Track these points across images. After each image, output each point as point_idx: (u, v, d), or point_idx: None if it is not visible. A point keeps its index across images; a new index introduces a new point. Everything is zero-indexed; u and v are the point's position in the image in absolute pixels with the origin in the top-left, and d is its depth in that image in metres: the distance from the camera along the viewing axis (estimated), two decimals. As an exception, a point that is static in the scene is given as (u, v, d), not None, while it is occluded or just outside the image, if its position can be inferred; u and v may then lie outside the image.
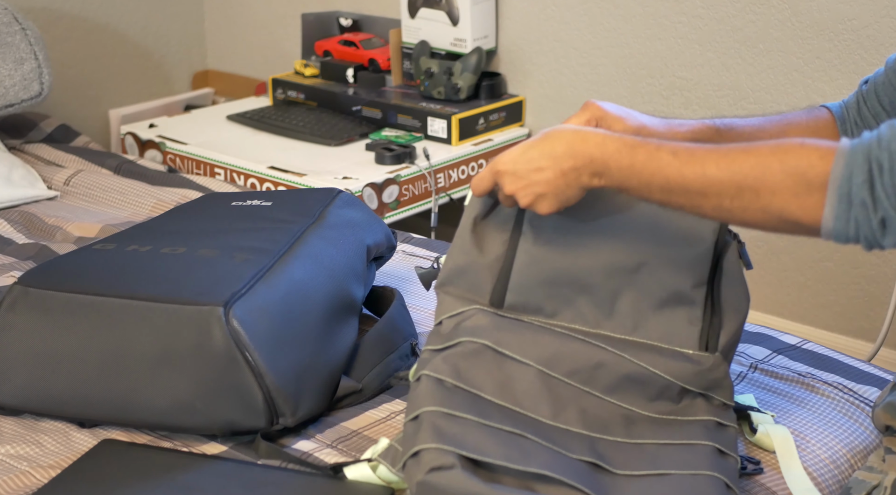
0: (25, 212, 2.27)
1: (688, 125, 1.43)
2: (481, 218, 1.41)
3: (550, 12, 2.70)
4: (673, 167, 1.21)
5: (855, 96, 1.47)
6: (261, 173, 2.51)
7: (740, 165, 1.17)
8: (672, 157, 1.22)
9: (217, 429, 1.46)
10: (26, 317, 1.49)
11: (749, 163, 1.17)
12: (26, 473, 1.40)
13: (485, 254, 1.40)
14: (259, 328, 1.43)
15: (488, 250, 1.40)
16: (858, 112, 1.45)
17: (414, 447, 1.25)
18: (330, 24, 3.02)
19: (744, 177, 1.17)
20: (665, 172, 1.22)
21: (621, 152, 1.25)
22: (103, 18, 3.11)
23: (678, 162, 1.21)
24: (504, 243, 1.40)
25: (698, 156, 1.20)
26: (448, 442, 1.24)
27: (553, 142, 1.29)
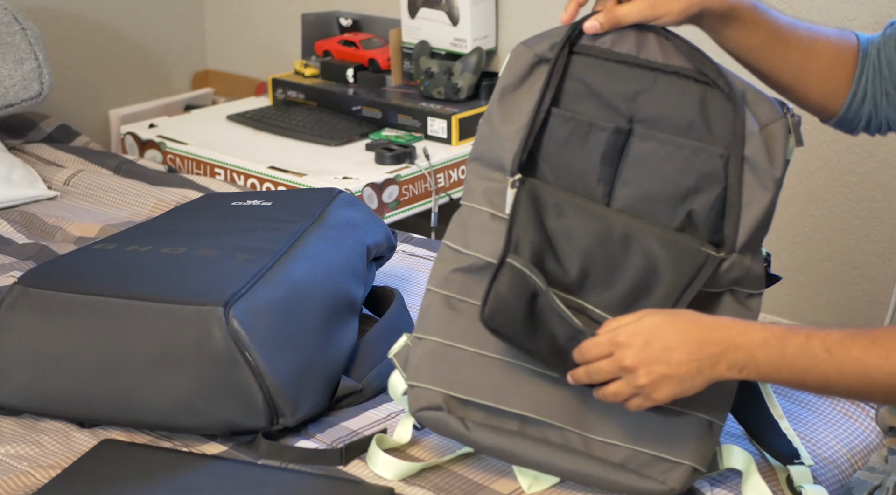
0: (25, 212, 2.27)
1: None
2: (510, 90, 1.36)
3: (550, 12, 2.70)
4: (830, 365, 1.18)
5: (879, 38, 1.44)
6: (261, 173, 2.51)
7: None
8: (827, 355, 1.18)
9: (217, 429, 1.46)
10: (26, 317, 1.49)
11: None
12: (26, 473, 1.40)
13: (508, 124, 1.35)
14: (259, 328, 1.43)
15: (513, 120, 1.35)
16: (878, 55, 1.42)
17: (412, 380, 1.36)
18: (330, 24, 3.02)
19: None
20: (823, 370, 1.18)
21: (769, 344, 1.20)
22: (103, 19, 3.11)
23: (835, 361, 1.18)
24: (528, 113, 1.34)
25: (855, 356, 1.17)
26: (439, 382, 1.34)
27: (687, 324, 1.22)
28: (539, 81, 1.34)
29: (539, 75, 1.34)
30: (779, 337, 1.19)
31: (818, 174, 2.39)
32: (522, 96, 1.35)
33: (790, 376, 1.19)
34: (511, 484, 1.37)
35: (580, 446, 1.33)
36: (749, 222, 1.30)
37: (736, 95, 1.29)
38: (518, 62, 1.35)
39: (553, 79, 1.33)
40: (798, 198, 2.40)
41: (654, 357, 1.21)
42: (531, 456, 1.34)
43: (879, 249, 2.35)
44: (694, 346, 1.20)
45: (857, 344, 1.18)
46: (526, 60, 1.35)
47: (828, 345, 1.18)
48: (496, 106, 1.36)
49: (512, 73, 1.35)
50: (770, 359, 1.19)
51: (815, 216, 2.39)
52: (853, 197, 2.36)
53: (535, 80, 1.34)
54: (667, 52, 1.32)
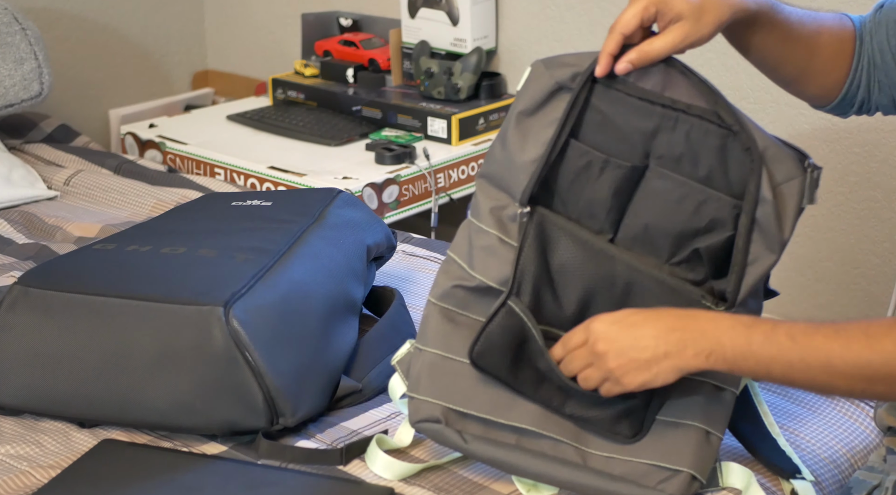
0: (25, 212, 2.27)
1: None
2: (527, 114, 1.33)
3: (550, 12, 2.70)
4: (794, 353, 1.18)
5: (870, 20, 1.43)
6: (261, 173, 2.51)
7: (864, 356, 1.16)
8: (791, 343, 1.19)
9: (217, 429, 1.46)
10: (26, 317, 1.49)
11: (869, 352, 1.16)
12: (26, 473, 1.40)
13: (523, 152, 1.33)
14: (259, 328, 1.43)
15: (528, 149, 1.33)
16: (871, 41, 1.42)
17: (412, 392, 1.36)
18: (330, 24, 3.02)
19: (873, 370, 1.16)
20: (787, 358, 1.19)
21: (736, 330, 1.21)
22: (103, 18, 3.11)
23: (798, 348, 1.18)
24: (544, 144, 1.32)
25: (818, 344, 1.18)
26: (438, 394, 1.35)
27: (659, 312, 1.24)
28: (558, 110, 1.31)
29: (558, 103, 1.32)
30: (746, 325, 1.21)
31: (818, 174, 2.39)
32: (539, 122, 1.32)
33: (755, 364, 1.20)
34: (511, 485, 1.37)
35: (577, 459, 1.33)
36: (751, 280, 1.30)
37: (754, 153, 1.27)
38: (537, 86, 1.32)
39: (573, 114, 1.31)
40: (798, 198, 2.40)
41: (623, 341, 1.23)
42: (529, 469, 1.34)
43: (879, 249, 2.35)
44: (662, 330, 1.22)
45: (820, 333, 1.19)
46: (546, 86, 1.32)
47: (793, 333, 1.19)
48: (513, 129, 1.33)
49: (530, 97, 1.32)
50: (736, 346, 1.20)
51: (815, 216, 2.39)
52: (853, 197, 2.36)
53: (554, 108, 1.32)
54: (691, 93, 1.30)
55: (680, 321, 1.22)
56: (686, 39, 1.29)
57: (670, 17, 1.28)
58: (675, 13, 1.28)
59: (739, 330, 1.20)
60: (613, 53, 1.29)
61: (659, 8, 1.28)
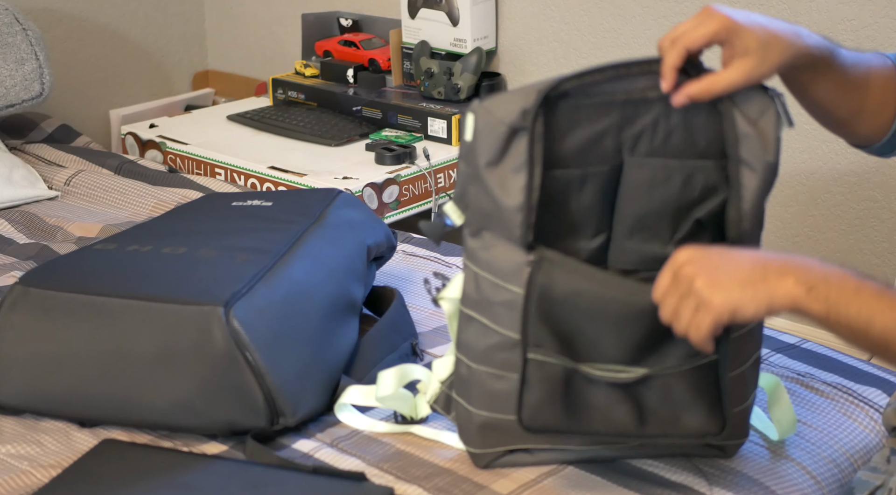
0: (26, 213, 2.27)
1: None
2: (493, 164, 1.28)
3: (550, 12, 2.70)
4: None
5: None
6: (261, 173, 2.51)
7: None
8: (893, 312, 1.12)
9: (217, 429, 1.46)
10: (27, 317, 1.49)
11: None
12: (27, 473, 1.40)
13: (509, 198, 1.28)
14: (259, 328, 1.43)
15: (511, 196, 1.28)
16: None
17: (468, 446, 1.40)
18: (330, 24, 3.02)
19: None
20: (886, 322, 1.12)
21: (846, 273, 1.14)
22: (104, 19, 3.11)
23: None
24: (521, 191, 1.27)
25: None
26: (496, 444, 1.37)
27: (758, 253, 1.19)
28: (521, 152, 1.26)
29: (519, 146, 1.27)
30: (857, 273, 1.15)
31: (818, 174, 2.39)
32: (507, 170, 1.28)
33: (857, 313, 1.12)
34: (510, 484, 1.37)
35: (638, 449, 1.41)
36: (747, 206, 1.29)
37: (722, 105, 1.27)
38: (489, 136, 1.28)
39: (536, 155, 1.26)
40: (798, 198, 2.40)
41: (713, 261, 1.17)
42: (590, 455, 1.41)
43: (879, 249, 2.35)
44: (762, 258, 1.17)
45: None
46: (499, 134, 1.27)
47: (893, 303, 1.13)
48: (489, 179, 1.28)
49: (488, 149, 1.28)
50: (844, 288, 1.13)
51: (814, 216, 2.40)
52: (853, 197, 2.36)
53: (518, 152, 1.27)
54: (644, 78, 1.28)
55: (783, 255, 1.17)
56: (749, 78, 1.26)
57: (739, 48, 1.25)
58: (744, 46, 1.25)
59: (850, 274, 1.15)
60: (678, 67, 1.25)
61: (730, 37, 1.24)
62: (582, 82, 1.27)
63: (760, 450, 1.45)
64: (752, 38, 1.25)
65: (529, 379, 1.29)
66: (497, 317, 1.32)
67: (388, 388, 1.44)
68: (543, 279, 1.28)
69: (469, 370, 1.36)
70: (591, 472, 1.39)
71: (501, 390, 1.33)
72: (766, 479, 1.39)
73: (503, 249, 1.31)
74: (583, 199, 1.31)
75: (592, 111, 1.28)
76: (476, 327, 1.34)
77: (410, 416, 1.47)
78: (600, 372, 1.29)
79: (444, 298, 1.40)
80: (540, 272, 1.28)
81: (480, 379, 1.34)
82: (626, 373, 1.29)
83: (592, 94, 1.28)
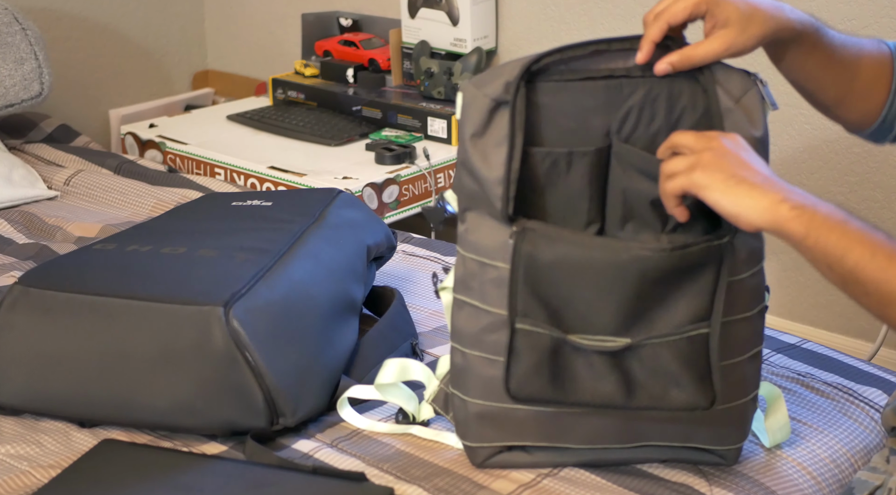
0: (26, 212, 2.27)
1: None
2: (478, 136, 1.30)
3: (550, 12, 2.70)
4: (873, 266, 1.14)
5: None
6: (261, 173, 2.51)
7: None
8: (871, 256, 1.14)
9: (217, 429, 1.46)
10: (26, 317, 1.49)
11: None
12: (26, 473, 1.40)
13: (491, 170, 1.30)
14: (259, 328, 1.43)
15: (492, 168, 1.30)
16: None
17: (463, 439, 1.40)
18: (330, 24, 3.02)
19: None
20: (873, 249, 1.14)
21: (836, 209, 1.17)
22: (103, 18, 3.11)
23: (879, 262, 1.14)
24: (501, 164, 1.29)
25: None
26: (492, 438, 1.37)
27: (771, 175, 1.20)
28: (504, 125, 1.29)
29: (502, 119, 1.29)
30: (848, 212, 1.18)
31: (818, 174, 2.39)
32: (491, 142, 1.30)
33: (837, 240, 1.14)
34: (510, 484, 1.37)
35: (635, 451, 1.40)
36: None
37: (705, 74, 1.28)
38: (474, 109, 1.30)
39: (517, 128, 1.28)
40: (798, 198, 2.40)
41: (729, 150, 1.20)
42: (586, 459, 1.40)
43: (879, 249, 2.35)
44: (771, 174, 1.19)
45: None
46: (483, 107, 1.29)
47: (874, 247, 1.15)
48: (472, 152, 1.30)
49: (473, 121, 1.30)
50: (831, 216, 1.16)
51: (814, 216, 2.39)
52: (853, 197, 2.36)
53: (500, 125, 1.29)
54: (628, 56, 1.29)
55: (787, 185, 1.19)
56: (730, 48, 1.27)
57: (719, 19, 1.27)
58: (724, 17, 1.26)
59: (842, 211, 1.17)
60: (657, 41, 1.27)
61: (710, 8, 1.26)
62: (564, 57, 1.29)
63: (760, 450, 1.45)
64: (732, 10, 1.26)
65: (517, 349, 1.29)
66: (486, 296, 1.33)
67: (390, 376, 1.45)
68: (528, 248, 1.28)
69: (464, 357, 1.36)
70: (591, 472, 1.39)
71: (494, 376, 1.33)
72: (766, 479, 1.39)
73: (487, 228, 1.32)
74: (571, 182, 1.31)
75: (577, 88, 1.29)
76: (468, 311, 1.35)
77: (413, 416, 1.47)
78: (588, 341, 1.29)
79: (443, 288, 1.40)
80: (524, 242, 1.28)
81: (475, 366, 1.35)
82: (613, 343, 1.29)
83: (577, 70, 1.29)
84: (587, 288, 1.28)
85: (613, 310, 1.28)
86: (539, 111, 1.30)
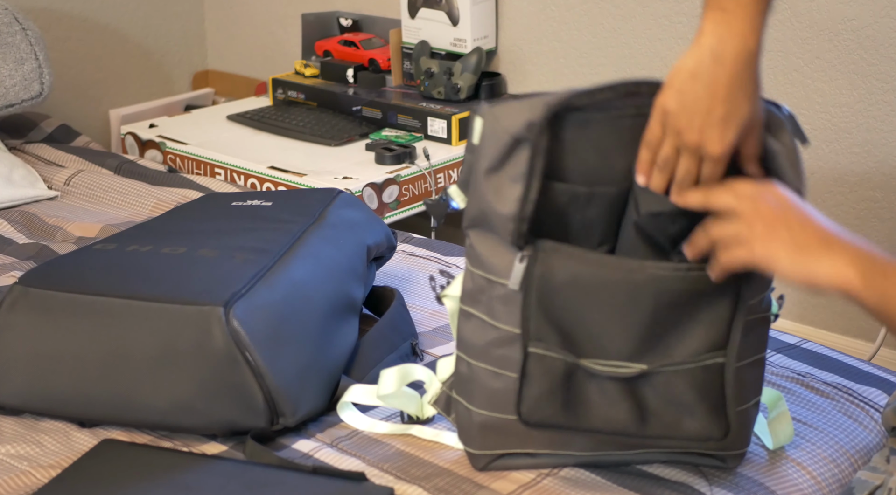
0: (26, 212, 2.27)
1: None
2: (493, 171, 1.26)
3: (550, 12, 2.70)
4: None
5: None
6: (261, 173, 2.51)
7: None
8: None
9: (217, 429, 1.46)
10: (27, 317, 1.49)
11: None
12: (27, 473, 1.40)
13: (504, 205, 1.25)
14: (259, 328, 1.43)
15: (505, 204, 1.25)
16: None
17: (467, 447, 1.38)
18: (330, 24, 3.02)
19: None
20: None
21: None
22: (103, 18, 3.11)
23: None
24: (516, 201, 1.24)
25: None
26: (496, 446, 1.36)
27: (825, 222, 1.16)
28: (521, 164, 1.23)
29: (520, 155, 1.23)
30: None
31: (818, 174, 2.39)
32: (506, 178, 1.25)
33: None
34: (510, 484, 1.37)
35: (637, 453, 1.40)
36: None
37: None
38: (492, 143, 1.25)
39: (536, 169, 1.23)
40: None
41: (779, 215, 1.16)
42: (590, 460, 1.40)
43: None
44: (822, 227, 1.15)
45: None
46: (502, 142, 1.24)
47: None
48: (484, 185, 1.26)
49: (490, 155, 1.25)
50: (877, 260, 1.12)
51: (814, 216, 2.39)
52: (853, 197, 2.36)
53: (518, 162, 1.24)
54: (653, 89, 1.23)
55: (844, 231, 1.14)
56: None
57: None
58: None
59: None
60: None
61: None
62: (594, 100, 1.23)
63: (760, 451, 1.45)
64: None
65: (530, 374, 1.28)
66: (494, 311, 1.31)
67: (390, 387, 1.44)
68: (540, 269, 1.26)
69: (469, 367, 1.35)
70: (591, 472, 1.39)
71: (500, 389, 1.32)
72: (766, 479, 1.39)
73: (495, 246, 1.30)
74: (588, 213, 1.28)
75: (602, 127, 1.24)
76: (475, 323, 1.33)
77: (417, 416, 1.47)
78: (602, 367, 1.28)
79: (446, 296, 1.40)
80: (536, 263, 1.26)
81: (480, 377, 1.34)
82: (627, 369, 1.28)
83: (603, 108, 1.24)
84: (601, 309, 1.26)
85: (628, 334, 1.27)
86: (561, 145, 1.24)
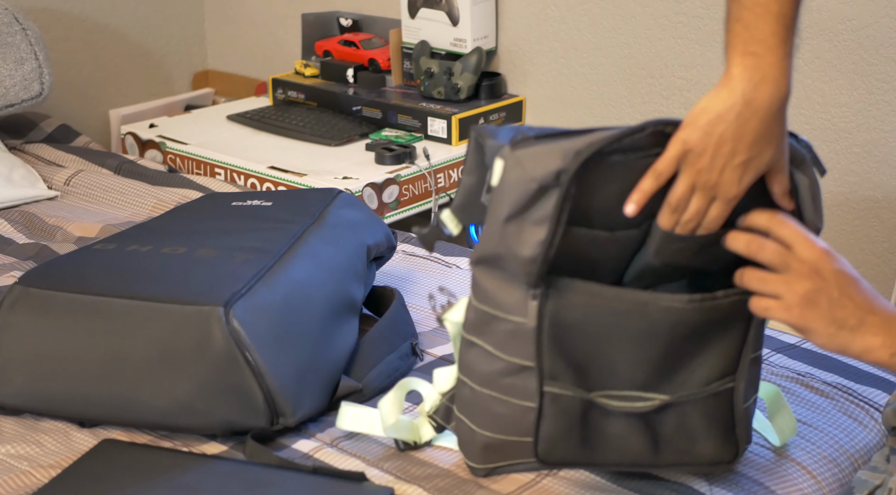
0: (26, 212, 2.27)
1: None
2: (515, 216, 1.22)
3: (550, 12, 2.70)
4: None
5: None
6: (261, 173, 2.51)
7: None
8: None
9: (217, 429, 1.46)
10: (27, 317, 1.49)
11: None
12: (27, 473, 1.40)
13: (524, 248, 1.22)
14: (259, 328, 1.43)
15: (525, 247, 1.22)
16: None
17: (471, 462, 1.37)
18: (330, 24, 3.02)
19: None
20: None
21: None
22: (103, 18, 3.11)
23: None
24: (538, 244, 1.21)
25: None
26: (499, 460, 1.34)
27: (873, 301, 1.18)
28: (546, 207, 1.19)
29: (546, 202, 1.19)
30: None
31: (818, 174, 2.39)
32: (529, 221, 1.21)
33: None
34: (510, 484, 1.37)
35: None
36: None
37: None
38: (518, 191, 1.20)
39: (562, 216, 1.19)
40: (798, 198, 2.40)
41: (835, 294, 1.17)
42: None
43: (879, 249, 2.35)
44: (865, 307, 1.18)
45: None
46: (528, 190, 1.19)
47: None
48: (503, 229, 1.22)
49: (513, 202, 1.20)
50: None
51: (814, 216, 2.39)
52: (853, 197, 2.36)
53: (542, 207, 1.19)
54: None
55: (889, 310, 1.17)
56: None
57: None
58: None
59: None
60: (650, 193, 1.21)
61: None
62: (621, 145, 1.20)
63: (760, 450, 1.45)
64: None
65: (545, 413, 1.27)
66: (500, 343, 1.29)
67: (392, 416, 1.42)
68: (553, 306, 1.24)
69: (473, 392, 1.33)
70: (591, 472, 1.39)
71: (507, 414, 1.31)
72: (767, 479, 1.39)
73: (503, 284, 1.27)
74: (605, 253, 1.26)
75: (626, 170, 1.21)
76: (479, 351, 1.31)
77: (414, 442, 1.45)
78: (617, 402, 1.28)
79: (447, 320, 1.38)
80: (549, 300, 1.24)
81: (485, 403, 1.32)
82: (643, 402, 1.28)
83: (627, 150, 1.20)
84: (615, 342, 1.26)
85: (642, 363, 1.26)
86: (584, 189, 1.20)
